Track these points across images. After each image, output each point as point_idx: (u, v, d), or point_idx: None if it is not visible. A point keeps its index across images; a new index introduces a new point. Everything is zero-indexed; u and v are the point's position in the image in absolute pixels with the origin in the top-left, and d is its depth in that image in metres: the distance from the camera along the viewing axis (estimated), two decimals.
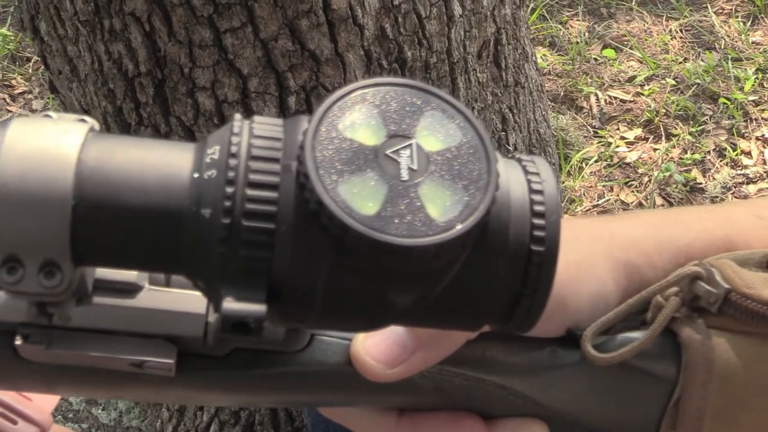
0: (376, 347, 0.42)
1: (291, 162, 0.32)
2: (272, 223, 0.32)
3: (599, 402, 0.47)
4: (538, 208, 0.34)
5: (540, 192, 0.34)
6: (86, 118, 0.37)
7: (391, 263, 0.32)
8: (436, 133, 0.33)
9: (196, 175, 0.33)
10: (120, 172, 0.33)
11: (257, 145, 0.33)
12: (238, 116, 0.34)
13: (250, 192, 0.32)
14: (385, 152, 0.32)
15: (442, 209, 0.32)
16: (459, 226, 0.31)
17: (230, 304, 0.32)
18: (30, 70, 2.29)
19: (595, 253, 0.47)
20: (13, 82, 2.27)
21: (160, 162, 0.33)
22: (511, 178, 0.35)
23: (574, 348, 0.46)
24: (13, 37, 2.35)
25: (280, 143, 0.33)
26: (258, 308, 0.32)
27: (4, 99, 2.22)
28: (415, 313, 0.34)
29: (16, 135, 0.33)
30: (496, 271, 0.34)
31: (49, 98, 2.16)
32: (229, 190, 0.32)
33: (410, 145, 0.33)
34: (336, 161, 0.32)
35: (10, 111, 2.19)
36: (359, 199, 0.31)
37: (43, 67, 2.15)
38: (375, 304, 0.33)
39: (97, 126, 0.36)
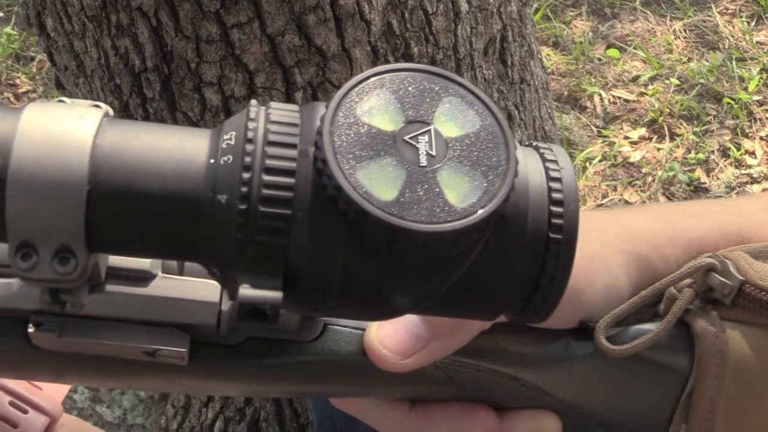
0: (390, 337, 0.42)
1: (308, 147, 0.32)
2: (289, 209, 0.31)
3: (612, 393, 0.46)
4: (556, 195, 0.34)
5: (558, 180, 0.34)
6: (101, 104, 0.36)
7: (409, 249, 0.31)
8: (454, 119, 0.33)
9: (212, 161, 0.33)
10: (135, 158, 0.33)
11: (274, 130, 0.32)
12: (254, 102, 0.34)
13: (267, 178, 0.32)
14: (403, 138, 0.32)
15: (461, 195, 0.32)
16: (480, 211, 0.31)
17: (246, 291, 0.32)
18: (34, 69, 2.29)
19: (608, 246, 0.47)
20: (17, 81, 2.27)
21: (176, 147, 0.33)
22: (529, 165, 0.34)
23: (587, 340, 0.46)
24: (17, 37, 2.35)
25: (297, 129, 0.33)
26: (274, 295, 0.32)
27: (8, 98, 2.22)
28: (432, 301, 0.34)
29: (31, 120, 0.33)
30: (514, 259, 0.34)
31: (53, 97, 2.16)
32: (246, 175, 0.32)
33: (429, 130, 0.33)
34: (354, 147, 0.32)
35: None
36: (378, 184, 0.31)
37: (47, 65, 2.15)
38: (392, 291, 0.33)
39: (111, 112, 0.36)
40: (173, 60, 1.05)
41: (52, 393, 0.53)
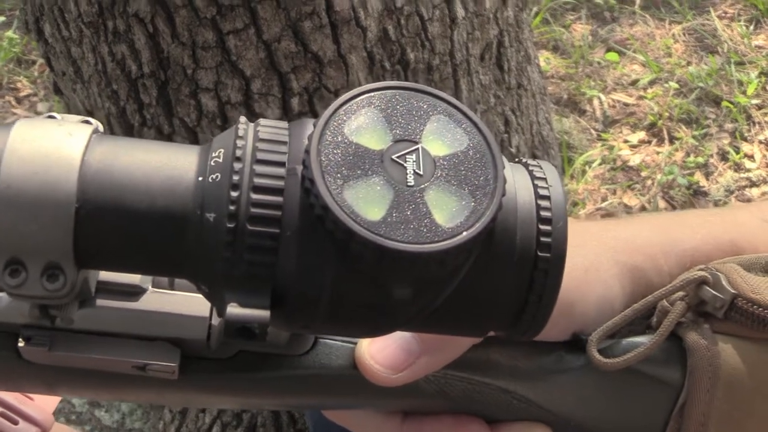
0: (381, 352, 0.42)
1: (296, 166, 0.32)
2: (277, 228, 0.31)
3: (604, 406, 0.46)
4: (544, 214, 0.34)
5: (547, 198, 0.34)
6: (90, 119, 0.36)
7: (396, 269, 0.31)
8: (442, 138, 0.33)
9: (200, 179, 0.33)
10: (124, 175, 0.33)
11: (262, 148, 0.32)
12: (243, 119, 0.34)
13: (255, 196, 0.31)
14: (391, 157, 0.32)
15: (449, 215, 0.31)
16: (465, 233, 0.31)
17: (234, 309, 0.32)
18: (35, 73, 2.29)
19: (601, 258, 0.47)
20: (19, 84, 2.27)
21: (165, 165, 0.33)
22: (518, 183, 0.34)
23: (580, 352, 0.46)
24: (19, 41, 2.35)
25: (285, 147, 0.33)
26: (262, 314, 0.32)
27: (10, 101, 2.22)
28: (421, 319, 0.34)
29: (20, 137, 0.33)
30: (502, 278, 0.34)
31: (54, 101, 2.16)
32: (234, 194, 0.32)
33: (416, 149, 0.33)
34: (341, 166, 0.32)
35: (15, 113, 2.18)
36: (365, 204, 0.31)
37: (47, 69, 2.15)
38: (380, 310, 0.33)
39: (101, 127, 0.36)
40: (170, 66, 1.05)
41: (43, 403, 0.53)
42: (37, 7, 1.12)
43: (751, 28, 2.39)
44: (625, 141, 2.12)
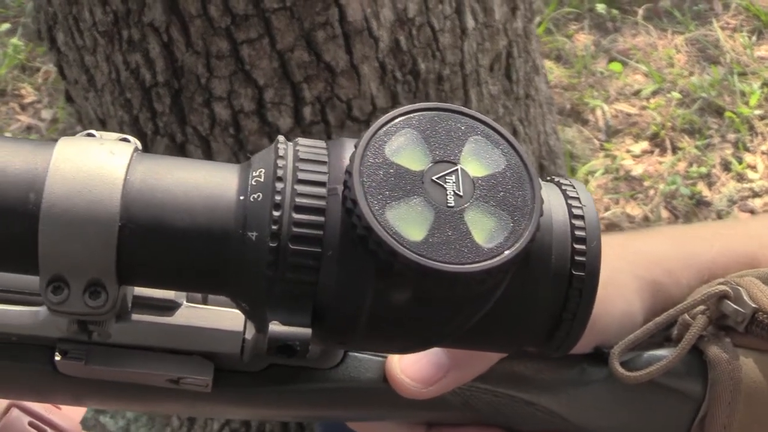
0: (412, 366, 0.42)
1: (337, 186, 0.32)
2: (319, 247, 0.32)
3: (626, 418, 0.47)
4: (579, 233, 0.34)
5: (581, 217, 0.35)
6: (129, 137, 0.37)
7: (437, 289, 0.32)
8: (480, 159, 0.34)
9: (241, 198, 0.33)
10: (166, 194, 0.33)
11: (303, 168, 0.33)
12: (281, 138, 0.34)
13: (297, 216, 0.32)
14: (431, 178, 0.33)
15: (488, 235, 0.32)
16: (506, 252, 0.32)
17: (276, 327, 0.32)
18: (40, 80, 2.30)
19: (622, 273, 0.48)
20: (23, 91, 2.27)
21: (206, 183, 0.34)
22: (552, 202, 0.35)
23: (602, 365, 0.46)
24: (23, 47, 2.35)
25: (326, 167, 0.33)
26: (303, 332, 0.32)
27: (14, 108, 2.23)
28: (457, 335, 0.35)
29: (63, 156, 0.33)
30: (538, 296, 0.34)
31: (58, 107, 2.16)
32: (276, 214, 0.32)
33: (456, 170, 0.33)
34: (383, 187, 0.32)
35: (19, 120, 2.19)
36: (406, 224, 0.31)
37: (53, 76, 2.15)
38: (418, 327, 0.34)
39: (140, 145, 0.36)
40: (183, 75, 1.06)
41: (70, 412, 0.53)
42: (51, 15, 1.13)
43: (754, 38, 2.40)
44: (628, 151, 2.13)
